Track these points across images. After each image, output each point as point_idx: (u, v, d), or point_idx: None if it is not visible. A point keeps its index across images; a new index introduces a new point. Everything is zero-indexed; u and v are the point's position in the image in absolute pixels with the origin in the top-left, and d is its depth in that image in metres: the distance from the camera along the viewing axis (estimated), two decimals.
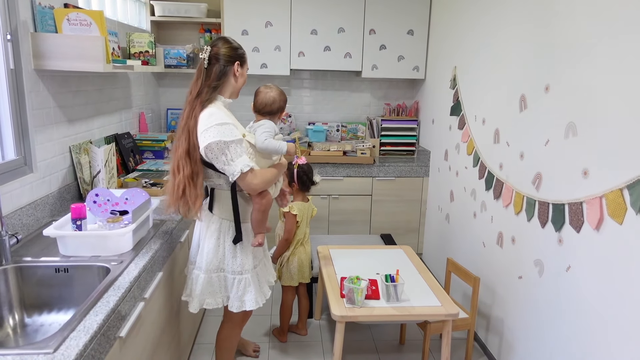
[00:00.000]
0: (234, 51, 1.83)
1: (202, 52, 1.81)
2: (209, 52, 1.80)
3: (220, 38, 1.86)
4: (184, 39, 3.82)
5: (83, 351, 1.11)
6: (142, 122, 3.35)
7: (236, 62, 1.83)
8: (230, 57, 1.82)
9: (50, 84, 2.05)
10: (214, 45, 1.82)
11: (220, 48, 1.81)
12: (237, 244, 1.88)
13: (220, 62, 1.80)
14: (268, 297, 2.03)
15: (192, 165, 1.76)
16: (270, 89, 1.99)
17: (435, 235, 3.45)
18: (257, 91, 2.00)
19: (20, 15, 1.83)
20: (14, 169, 1.84)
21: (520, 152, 2.22)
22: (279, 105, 1.97)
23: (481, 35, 2.67)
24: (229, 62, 1.82)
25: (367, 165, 3.56)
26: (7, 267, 1.55)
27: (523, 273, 2.19)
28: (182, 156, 1.76)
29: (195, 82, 1.82)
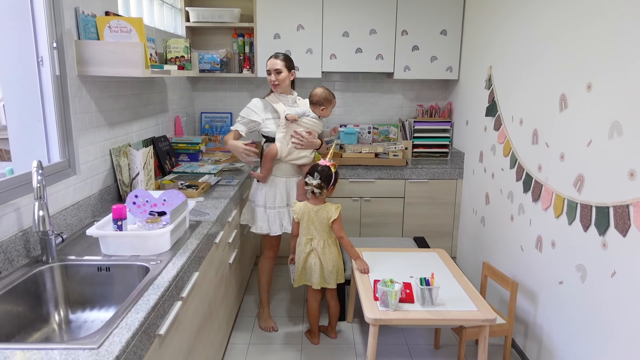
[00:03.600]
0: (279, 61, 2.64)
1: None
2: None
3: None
4: (217, 43, 3.89)
5: (125, 347, 1.14)
6: (177, 125, 3.43)
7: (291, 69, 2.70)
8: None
9: (92, 89, 2.13)
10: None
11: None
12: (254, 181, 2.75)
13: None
14: (274, 234, 2.68)
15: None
16: (318, 87, 2.72)
17: (470, 238, 3.38)
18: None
19: (65, 24, 1.91)
20: (59, 171, 1.91)
21: (561, 153, 2.15)
22: (317, 99, 2.67)
23: (517, 33, 2.60)
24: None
25: (399, 168, 3.53)
26: (54, 265, 1.61)
27: (564, 278, 2.11)
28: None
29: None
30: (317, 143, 2.70)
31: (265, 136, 2.69)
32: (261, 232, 2.68)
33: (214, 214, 2.20)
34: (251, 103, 2.67)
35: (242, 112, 2.67)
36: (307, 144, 2.63)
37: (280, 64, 2.59)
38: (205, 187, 2.61)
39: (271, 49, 3.56)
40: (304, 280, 2.57)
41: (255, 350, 2.62)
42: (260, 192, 2.70)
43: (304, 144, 2.62)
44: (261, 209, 2.69)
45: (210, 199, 2.48)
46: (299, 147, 2.63)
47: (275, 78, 2.60)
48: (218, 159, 3.41)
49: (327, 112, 2.70)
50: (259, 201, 2.69)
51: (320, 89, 2.70)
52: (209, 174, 2.90)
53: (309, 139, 2.63)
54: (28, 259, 1.64)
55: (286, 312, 3.02)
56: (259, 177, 2.69)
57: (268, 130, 2.64)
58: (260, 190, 2.70)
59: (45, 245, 1.60)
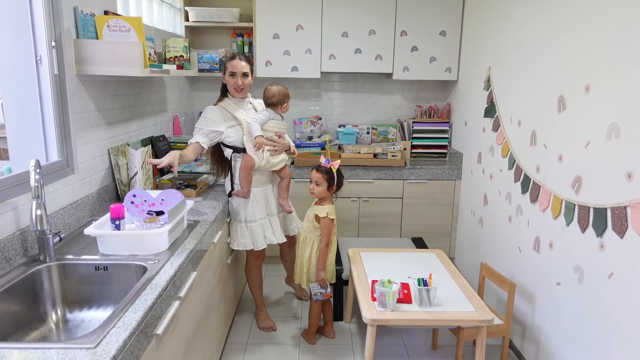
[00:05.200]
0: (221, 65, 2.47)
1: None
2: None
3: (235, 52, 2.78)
4: (217, 43, 3.89)
5: (122, 347, 1.14)
6: (176, 125, 3.42)
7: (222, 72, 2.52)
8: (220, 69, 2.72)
9: (90, 89, 2.13)
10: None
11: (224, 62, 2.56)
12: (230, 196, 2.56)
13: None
14: (259, 249, 2.57)
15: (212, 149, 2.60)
16: (272, 85, 2.52)
17: (468, 239, 3.39)
18: (265, 87, 2.53)
19: (64, 23, 1.90)
20: (57, 170, 1.91)
21: (559, 154, 2.15)
22: (277, 98, 2.49)
23: (516, 35, 2.61)
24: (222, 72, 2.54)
25: (397, 168, 3.53)
26: (51, 264, 1.61)
27: (562, 279, 2.11)
28: None
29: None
30: (287, 143, 2.61)
31: (228, 146, 2.52)
32: (244, 249, 2.57)
33: (212, 214, 2.20)
34: (207, 112, 2.47)
35: (198, 123, 2.46)
36: (280, 148, 2.54)
37: (247, 67, 2.47)
38: (203, 187, 2.61)
39: (270, 49, 3.56)
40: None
41: (253, 350, 2.62)
42: (239, 207, 2.54)
43: (278, 148, 2.53)
44: (242, 224, 2.55)
45: (209, 199, 2.48)
46: (274, 153, 2.52)
47: (242, 82, 2.46)
48: None
49: (287, 107, 2.55)
50: (240, 216, 2.55)
51: (274, 87, 2.50)
52: (208, 173, 2.90)
53: (281, 142, 2.54)
54: (25, 258, 1.64)
55: (282, 312, 3.02)
56: (243, 194, 2.49)
57: (232, 139, 2.49)
58: (238, 205, 2.54)
59: (43, 245, 1.60)
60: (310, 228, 2.53)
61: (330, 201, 2.53)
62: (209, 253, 2.09)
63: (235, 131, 2.49)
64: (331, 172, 2.46)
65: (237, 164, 2.51)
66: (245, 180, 2.48)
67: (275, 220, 2.66)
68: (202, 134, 2.43)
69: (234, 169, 2.53)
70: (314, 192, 2.48)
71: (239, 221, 2.56)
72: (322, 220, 2.44)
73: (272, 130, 2.51)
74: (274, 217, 2.65)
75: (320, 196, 2.49)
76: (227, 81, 2.50)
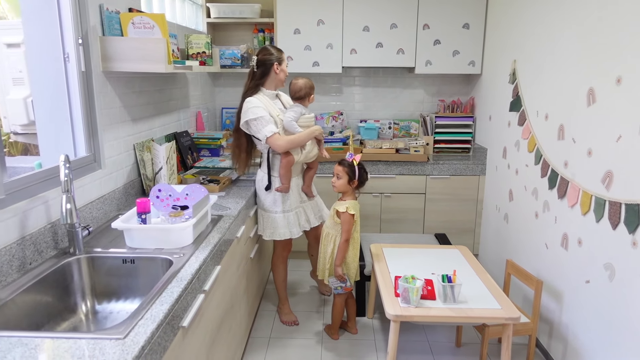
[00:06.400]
0: (272, 55, 2.49)
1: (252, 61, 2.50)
2: (255, 60, 2.49)
3: (262, 48, 2.53)
4: (238, 39, 3.91)
5: (150, 338, 1.16)
6: (199, 121, 3.46)
7: (276, 63, 2.49)
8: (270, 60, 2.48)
9: (116, 85, 2.16)
10: (259, 54, 2.50)
11: (264, 55, 2.48)
12: (268, 190, 2.57)
13: (265, 64, 2.48)
14: (296, 236, 2.65)
15: (237, 138, 2.57)
16: (297, 79, 2.56)
17: (493, 235, 3.33)
18: (290, 83, 2.58)
19: (90, 21, 1.94)
20: (85, 165, 1.95)
21: (588, 148, 2.09)
22: (304, 91, 2.53)
23: (543, 25, 2.54)
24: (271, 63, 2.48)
25: (420, 163, 3.49)
26: (80, 257, 1.64)
27: (591, 277, 2.06)
28: (233, 132, 2.62)
29: (247, 81, 2.54)
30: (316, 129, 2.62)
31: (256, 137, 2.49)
32: (284, 238, 2.62)
33: (235, 209, 2.22)
34: (254, 102, 2.43)
35: (254, 112, 2.39)
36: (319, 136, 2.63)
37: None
38: (226, 182, 2.63)
39: (291, 44, 3.56)
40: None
41: (276, 344, 2.63)
42: (276, 198, 2.58)
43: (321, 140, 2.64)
44: (279, 215, 2.60)
45: (232, 194, 2.50)
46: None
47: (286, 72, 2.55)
48: None
49: (313, 99, 2.59)
50: (277, 208, 2.59)
51: (300, 81, 2.53)
52: (230, 169, 2.92)
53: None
54: (56, 251, 1.68)
55: (305, 307, 3.03)
56: (285, 189, 2.55)
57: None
58: (275, 196, 2.58)
59: (73, 238, 1.64)
60: (332, 224, 2.53)
61: (352, 196, 2.52)
62: (232, 247, 2.10)
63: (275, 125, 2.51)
64: (352, 165, 2.45)
65: (276, 159, 2.53)
66: (285, 176, 2.52)
67: (308, 206, 2.75)
68: (271, 122, 2.42)
69: (272, 163, 2.54)
70: (335, 185, 2.48)
71: (275, 212, 2.59)
72: (342, 215, 2.43)
73: (305, 124, 2.52)
74: (306, 204, 2.74)
75: (340, 190, 2.49)
76: (282, 71, 2.51)
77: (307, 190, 2.73)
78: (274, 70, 2.48)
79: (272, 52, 2.49)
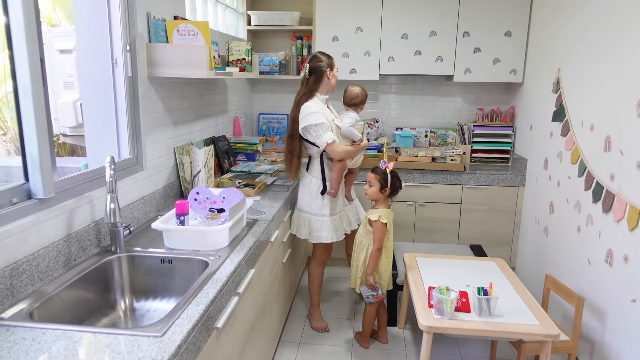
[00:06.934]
0: (324, 62, 2.55)
1: (304, 69, 2.57)
2: (308, 67, 2.55)
3: (313, 56, 2.59)
4: (276, 46, 3.97)
5: (186, 338, 1.19)
6: (236, 126, 3.53)
7: (328, 69, 2.55)
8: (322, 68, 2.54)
9: (160, 90, 2.24)
10: (310, 62, 2.56)
11: (316, 62, 2.54)
12: (323, 194, 2.60)
13: (317, 71, 2.53)
14: (340, 239, 2.70)
15: (291, 143, 2.61)
16: (354, 86, 2.66)
17: (531, 249, 3.23)
18: (345, 89, 2.68)
19: (138, 28, 2.02)
20: (129, 167, 2.02)
21: (637, 161, 2.00)
22: (360, 98, 2.63)
23: (589, 33, 2.45)
24: (325, 68, 2.54)
25: (456, 173, 3.43)
26: (122, 255, 1.70)
27: (637, 296, 1.96)
28: (287, 138, 2.64)
29: (300, 88, 2.59)
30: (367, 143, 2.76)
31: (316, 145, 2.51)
32: (329, 241, 2.64)
33: (270, 213, 2.24)
34: (314, 107, 2.46)
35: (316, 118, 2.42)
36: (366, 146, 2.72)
37: None
38: (261, 187, 2.67)
39: (329, 51, 3.54)
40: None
41: (305, 349, 2.63)
42: (323, 201, 2.62)
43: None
44: (326, 218, 2.63)
45: (267, 198, 2.53)
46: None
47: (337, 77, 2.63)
48: (274, 159, 3.48)
49: (364, 106, 2.69)
50: (325, 211, 2.62)
51: (357, 88, 2.62)
52: (265, 173, 2.96)
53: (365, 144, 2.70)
54: (99, 249, 1.75)
55: (336, 314, 3.02)
56: (335, 194, 2.61)
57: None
58: (322, 200, 2.62)
59: (115, 236, 1.70)
60: (364, 232, 2.52)
61: (384, 205, 2.50)
62: (266, 251, 2.13)
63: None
64: (385, 173, 2.44)
65: (331, 164, 2.60)
66: (337, 181, 2.59)
67: (349, 209, 2.83)
68: (330, 128, 2.48)
69: (326, 167, 2.59)
70: (367, 192, 2.49)
71: (323, 215, 2.63)
72: (375, 224, 2.42)
73: (359, 131, 2.61)
74: (347, 207, 2.82)
75: (373, 197, 2.48)
76: (334, 76, 2.58)
77: (347, 194, 2.80)
78: (326, 76, 2.54)
79: (324, 59, 2.55)
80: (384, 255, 2.49)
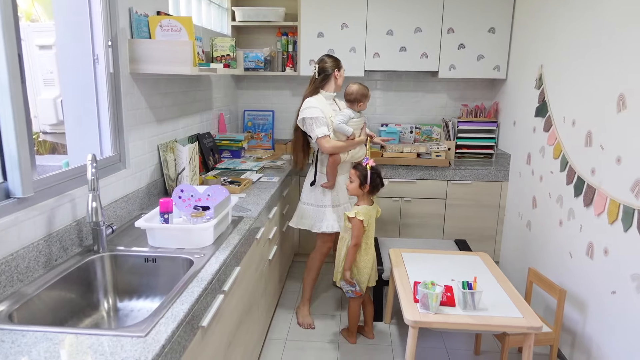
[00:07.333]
0: (331, 64, 2.72)
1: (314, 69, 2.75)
2: (317, 68, 2.72)
3: (321, 59, 2.76)
4: (262, 42, 3.94)
5: (171, 337, 1.18)
6: (221, 122, 3.50)
7: (335, 70, 2.72)
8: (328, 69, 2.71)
9: (143, 87, 2.21)
10: (319, 63, 2.73)
11: (323, 64, 2.72)
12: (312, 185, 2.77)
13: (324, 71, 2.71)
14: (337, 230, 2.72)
15: (296, 135, 2.82)
16: (353, 84, 2.71)
17: (515, 243, 3.27)
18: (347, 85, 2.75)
19: (120, 23, 1.98)
20: (111, 165, 1.99)
21: (617, 156, 2.04)
22: (354, 96, 2.68)
23: (572, 30, 2.49)
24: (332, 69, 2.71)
25: (441, 168, 3.46)
26: (104, 254, 1.68)
27: (617, 288, 2.00)
28: (293, 130, 2.82)
29: (308, 86, 2.77)
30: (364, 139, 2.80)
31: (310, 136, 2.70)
32: (331, 231, 2.73)
33: (255, 210, 2.23)
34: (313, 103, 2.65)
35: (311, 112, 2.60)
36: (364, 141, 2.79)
37: None
38: (247, 184, 2.65)
39: (314, 48, 3.57)
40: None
41: (292, 346, 2.64)
42: (323, 193, 2.75)
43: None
44: (329, 209, 2.75)
45: (252, 195, 2.51)
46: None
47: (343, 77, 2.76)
48: (260, 156, 3.46)
49: (364, 106, 2.73)
50: (326, 202, 2.75)
51: (355, 85, 2.70)
52: (251, 170, 2.94)
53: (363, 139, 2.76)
54: (81, 248, 1.72)
55: (323, 310, 3.03)
56: (328, 186, 2.73)
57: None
58: (323, 191, 2.75)
59: (97, 236, 1.68)
60: (345, 228, 2.53)
61: (366, 201, 2.50)
62: (252, 249, 2.12)
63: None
64: (365, 169, 2.44)
65: (324, 157, 2.72)
66: (331, 174, 2.71)
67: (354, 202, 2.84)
68: (324, 123, 2.61)
69: (320, 160, 2.74)
70: (348, 188, 2.52)
71: (325, 206, 2.76)
72: (352, 221, 2.44)
73: (354, 127, 2.67)
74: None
75: (353, 193, 2.51)
76: (341, 76, 2.75)
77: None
78: (334, 75, 2.72)
79: (331, 61, 2.73)
80: (364, 251, 2.50)
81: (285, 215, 3.09)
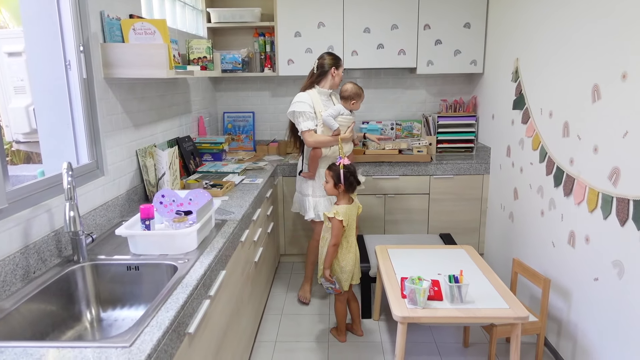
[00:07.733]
0: (329, 61, 2.83)
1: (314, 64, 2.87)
2: (317, 64, 2.85)
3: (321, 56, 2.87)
4: (239, 43, 3.91)
5: (157, 346, 1.15)
6: (200, 125, 3.45)
7: (332, 68, 2.82)
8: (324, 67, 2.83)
9: (118, 92, 2.16)
10: (319, 60, 2.86)
11: (322, 61, 2.84)
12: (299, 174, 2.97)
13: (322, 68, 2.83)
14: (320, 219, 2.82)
15: (290, 126, 2.99)
16: (348, 83, 2.89)
17: (498, 234, 3.31)
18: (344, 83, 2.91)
19: (91, 27, 1.93)
20: (88, 172, 1.94)
21: (594, 145, 2.08)
22: (347, 94, 2.84)
23: (546, 23, 2.53)
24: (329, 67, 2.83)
25: (423, 164, 3.48)
26: (84, 264, 1.64)
27: (599, 275, 2.04)
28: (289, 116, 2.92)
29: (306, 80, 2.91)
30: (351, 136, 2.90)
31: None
32: (310, 218, 2.91)
33: (239, 213, 2.21)
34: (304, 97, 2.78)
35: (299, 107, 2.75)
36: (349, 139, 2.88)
37: None
38: (229, 186, 2.62)
39: (292, 47, 3.55)
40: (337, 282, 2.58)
41: (282, 347, 2.62)
42: (307, 182, 2.93)
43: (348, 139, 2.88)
44: (310, 198, 2.91)
45: (235, 198, 2.49)
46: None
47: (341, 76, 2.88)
48: (241, 158, 3.43)
49: (357, 106, 2.87)
50: (309, 191, 2.91)
51: (350, 84, 2.86)
52: (233, 173, 2.91)
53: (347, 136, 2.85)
54: (60, 259, 1.67)
55: (311, 310, 3.02)
56: (309, 176, 2.90)
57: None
58: (306, 181, 2.93)
59: (76, 245, 1.63)
60: (325, 227, 2.52)
61: (345, 201, 2.49)
62: (237, 252, 2.09)
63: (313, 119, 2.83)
64: (338, 169, 2.43)
65: (309, 149, 2.86)
66: (311, 166, 2.87)
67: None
68: (310, 118, 2.76)
69: (306, 151, 2.90)
70: (325, 188, 2.53)
71: (307, 195, 2.93)
72: (332, 221, 2.43)
73: (342, 124, 2.81)
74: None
75: (330, 193, 2.53)
76: (338, 75, 2.85)
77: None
78: (331, 73, 2.83)
79: (330, 58, 2.84)
80: (346, 250, 2.49)
81: (269, 216, 3.07)
